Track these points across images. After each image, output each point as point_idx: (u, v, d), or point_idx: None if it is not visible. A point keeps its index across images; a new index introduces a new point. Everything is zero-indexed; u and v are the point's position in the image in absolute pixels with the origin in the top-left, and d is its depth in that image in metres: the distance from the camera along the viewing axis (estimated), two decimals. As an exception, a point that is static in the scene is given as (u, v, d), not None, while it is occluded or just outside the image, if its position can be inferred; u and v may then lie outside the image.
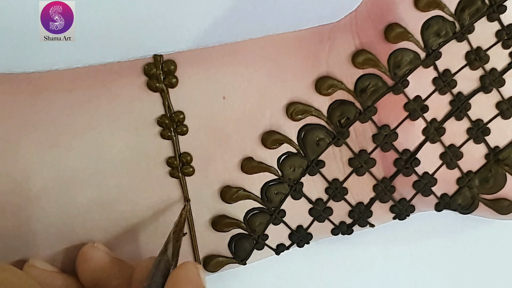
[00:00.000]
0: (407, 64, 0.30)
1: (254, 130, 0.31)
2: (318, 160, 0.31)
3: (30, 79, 0.30)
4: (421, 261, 0.37)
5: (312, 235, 0.32)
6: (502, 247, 0.37)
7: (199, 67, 0.30)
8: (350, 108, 0.31)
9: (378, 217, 0.33)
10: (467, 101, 0.31)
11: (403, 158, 0.31)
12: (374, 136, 0.31)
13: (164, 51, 0.30)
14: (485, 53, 0.30)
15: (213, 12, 0.31)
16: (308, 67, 0.31)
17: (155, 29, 0.31)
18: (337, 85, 0.30)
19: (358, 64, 0.30)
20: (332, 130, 0.31)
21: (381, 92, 0.30)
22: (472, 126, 0.31)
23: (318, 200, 0.32)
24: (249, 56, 0.31)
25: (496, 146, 0.31)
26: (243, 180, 0.31)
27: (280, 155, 0.31)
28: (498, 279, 0.37)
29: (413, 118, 0.31)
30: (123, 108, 0.29)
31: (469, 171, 0.32)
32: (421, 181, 0.31)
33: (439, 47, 0.30)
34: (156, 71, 0.30)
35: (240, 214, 0.31)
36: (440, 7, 0.29)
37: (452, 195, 0.32)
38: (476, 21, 0.30)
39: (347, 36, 0.30)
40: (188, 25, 0.31)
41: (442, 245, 0.37)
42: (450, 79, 0.30)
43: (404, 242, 0.37)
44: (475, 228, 0.37)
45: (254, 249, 0.32)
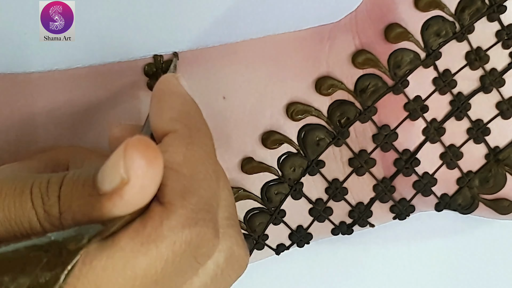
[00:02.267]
0: (407, 64, 0.30)
1: (254, 130, 0.31)
2: (318, 160, 0.31)
3: (30, 79, 0.30)
4: (421, 261, 0.37)
5: (312, 235, 0.32)
6: (502, 247, 0.37)
7: (199, 67, 0.30)
8: (350, 108, 0.31)
9: (378, 217, 0.33)
10: (467, 101, 0.31)
11: (403, 158, 0.31)
12: (374, 136, 0.31)
13: (164, 51, 0.30)
14: (485, 53, 0.30)
15: (213, 12, 0.31)
16: (308, 67, 0.31)
17: (155, 29, 0.31)
18: (337, 85, 0.30)
19: (358, 64, 0.30)
20: (332, 130, 0.31)
21: (381, 92, 0.30)
22: (472, 126, 0.31)
23: (318, 200, 0.32)
24: (249, 56, 0.31)
25: (496, 146, 0.31)
26: (243, 180, 0.31)
27: (280, 155, 0.31)
28: (498, 279, 0.37)
29: (413, 118, 0.31)
30: (123, 108, 0.29)
31: (469, 171, 0.32)
32: (421, 181, 0.31)
33: (439, 47, 0.30)
34: (156, 71, 0.30)
35: (240, 214, 0.31)
36: (440, 7, 0.29)
37: (452, 195, 0.32)
38: (476, 21, 0.30)
39: (347, 36, 0.30)
40: (188, 25, 0.31)
41: (442, 245, 0.37)
42: (450, 79, 0.30)
43: (404, 242, 0.37)
44: (475, 228, 0.37)
45: (254, 249, 0.32)
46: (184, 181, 0.21)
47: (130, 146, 0.19)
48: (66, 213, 0.20)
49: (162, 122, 0.23)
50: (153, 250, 0.19)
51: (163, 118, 0.23)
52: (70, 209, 0.20)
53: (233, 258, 0.23)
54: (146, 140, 0.19)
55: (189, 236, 0.20)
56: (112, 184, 0.19)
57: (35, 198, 0.20)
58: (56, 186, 0.20)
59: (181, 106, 0.23)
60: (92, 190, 0.20)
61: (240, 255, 0.23)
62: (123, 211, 0.20)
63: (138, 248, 0.19)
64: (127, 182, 0.19)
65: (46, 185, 0.20)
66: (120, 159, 0.19)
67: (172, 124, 0.22)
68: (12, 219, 0.20)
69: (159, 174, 0.20)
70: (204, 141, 0.23)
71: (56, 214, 0.20)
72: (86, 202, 0.20)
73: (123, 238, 0.19)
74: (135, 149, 0.19)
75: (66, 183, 0.20)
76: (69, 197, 0.20)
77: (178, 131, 0.22)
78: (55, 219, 0.20)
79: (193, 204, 0.21)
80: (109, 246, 0.19)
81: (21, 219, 0.20)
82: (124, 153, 0.19)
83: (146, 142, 0.19)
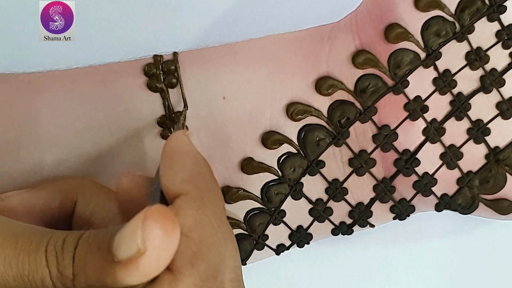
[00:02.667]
0: (407, 64, 0.30)
1: (254, 130, 0.31)
2: (318, 160, 0.31)
3: (30, 79, 0.30)
4: (421, 261, 0.37)
5: (312, 235, 0.32)
6: (502, 247, 0.37)
7: (199, 67, 0.30)
8: (350, 108, 0.31)
9: (378, 217, 0.33)
10: (467, 101, 0.31)
11: (403, 158, 0.31)
12: (374, 136, 0.31)
13: (164, 51, 0.30)
14: (485, 53, 0.30)
15: (213, 12, 0.31)
16: (308, 67, 0.31)
17: (155, 29, 0.31)
18: (337, 85, 0.30)
19: (358, 64, 0.30)
20: (332, 130, 0.31)
21: (381, 92, 0.30)
22: (472, 126, 0.31)
23: (318, 200, 0.32)
24: (249, 56, 0.31)
25: (496, 146, 0.31)
26: (243, 180, 0.31)
27: (280, 155, 0.31)
28: (498, 279, 0.37)
29: (413, 118, 0.31)
30: (123, 109, 0.29)
31: (469, 171, 0.32)
32: (421, 181, 0.31)
33: (439, 47, 0.30)
34: (156, 71, 0.30)
35: (240, 214, 0.31)
36: (440, 7, 0.29)
37: (452, 195, 0.32)
38: (476, 21, 0.30)
39: (347, 36, 0.30)
40: (188, 25, 0.31)
41: (442, 245, 0.37)
42: (450, 79, 0.30)
43: (404, 242, 0.37)
44: (475, 228, 0.37)
45: (254, 249, 0.32)
46: (194, 247, 0.21)
47: (149, 216, 0.19)
48: (80, 275, 0.20)
49: (174, 183, 0.23)
50: None
51: (175, 179, 0.23)
52: (83, 272, 0.20)
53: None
54: (165, 210, 0.20)
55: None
56: (128, 253, 0.19)
57: (50, 257, 0.20)
58: (71, 247, 0.20)
59: (193, 166, 0.24)
60: (107, 255, 0.20)
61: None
62: (137, 280, 0.20)
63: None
64: (144, 252, 0.19)
65: (62, 244, 0.20)
66: (138, 229, 0.19)
67: (184, 186, 0.23)
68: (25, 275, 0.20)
69: (176, 244, 0.20)
70: (215, 203, 0.23)
71: (69, 276, 0.20)
72: (100, 267, 0.20)
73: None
74: (154, 220, 0.19)
75: (81, 243, 0.20)
76: (83, 259, 0.20)
77: (189, 193, 0.22)
78: (68, 280, 0.20)
79: (201, 272, 0.21)
80: None
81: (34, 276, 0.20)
82: (143, 223, 0.19)
83: (165, 213, 0.19)
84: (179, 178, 0.23)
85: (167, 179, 0.23)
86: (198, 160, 0.24)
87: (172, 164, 0.23)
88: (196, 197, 0.22)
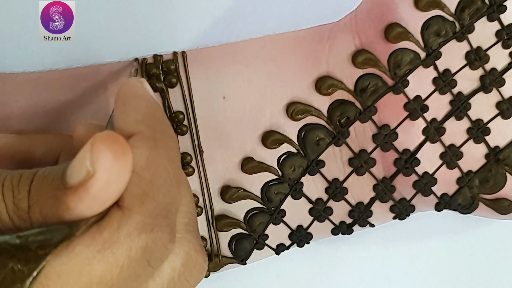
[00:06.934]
0: (407, 64, 0.30)
1: (254, 130, 0.31)
2: (318, 160, 0.31)
3: (30, 79, 0.30)
4: (421, 261, 0.37)
5: (312, 235, 0.32)
6: (502, 247, 0.37)
7: (199, 67, 0.30)
8: (350, 108, 0.31)
9: (378, 217, 0.33)
10: (467, 101, 0.31)
11: (403, 158, 0.31)
12: (374, 136, 0.31)
13: (164, 51, 0.30)
14: (485, 53, 0.30)
15: (213, 12, 0.31)
16: (308, 67, 0.31)
17: (155, 29, 0.31)
18: (337, 85, 0.30)
19: (358, 64, 0.30)
20: (332, 130, 0.31)
21: (381, 92, 0.30)
22: (472, 126, 0.31)
23: (318, 200, 0.32)
24: (249, 56, 0.31)
25: (496, 146, 0.31)
26: (243, 180, 0.31)
27: (280, 155, 0.31)
28: (498, 279, 0.37)
29: (413, 118, 0.31)
30: (123, 108, 0.29)
31: (469, 171, 0.32)
32: (421, 181, 0.31)
33: (439, 47, 0.30)
34: (156, 71, 0.30)
35: (240, 214, 0.31)
36: (440, 7, 0.29)
37: (452, 195, 0.32)
38: (476, 21, 0.30)
39: (347, 36, 0.30)
40: (188, 25, 0.31)
41: (442, 245, 0.37)
42: (450, 79, 0.30)
43: (404, 242, 0.37)
44: (475, 228, 0.37)
45: (254, 249, 0.32)
46: (144, 185, 0.21)
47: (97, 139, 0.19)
48: (34, 207, 0.20)
49: (127, 123, 0.22)
50: (109, 257, 0.19)
51: (128, 119, 0.23)
52: (38, 203, 0.20)
53: (191, 262, 0.23)
54: (115, 135, 0.19)
55: (145, 242, 0.20)
56: (78, 177, 0.19)
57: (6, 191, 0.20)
58: (27, 181, 0.20)
59: (146, 108, 0.23)
60: (59, 184, 0.20)
61: (197, 260, 0.23)
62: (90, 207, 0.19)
63: (94, 255, 0.19)
64: (93, 175, 0.19)
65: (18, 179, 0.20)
66: (87, 153, 0.19)
67: (137, 126, 0.22)
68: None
69: (127, 171, 0.20)
70: (169, 145, 0.23)
71: (25, 208, 0.20)
72: (53, 196, 0.20)
73: (78, 245, 0.19)
74: (102, 142, 0.19)
75: (37, 178, 0.20)
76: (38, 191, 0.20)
77: (143, 133, 0.22)
78: (24, 213, 0.20)
79: (150, 210, 0.21)
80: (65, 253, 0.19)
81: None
82: (91, 146, 0.19)
83: (115, 137, 0.19)
84: (133, 119, 0.23)
85: (120, 121, 0.23)
86: (152, 103, 0.24)
87: (125, 107, 0.23)
88: (150, 137, 0.22)
